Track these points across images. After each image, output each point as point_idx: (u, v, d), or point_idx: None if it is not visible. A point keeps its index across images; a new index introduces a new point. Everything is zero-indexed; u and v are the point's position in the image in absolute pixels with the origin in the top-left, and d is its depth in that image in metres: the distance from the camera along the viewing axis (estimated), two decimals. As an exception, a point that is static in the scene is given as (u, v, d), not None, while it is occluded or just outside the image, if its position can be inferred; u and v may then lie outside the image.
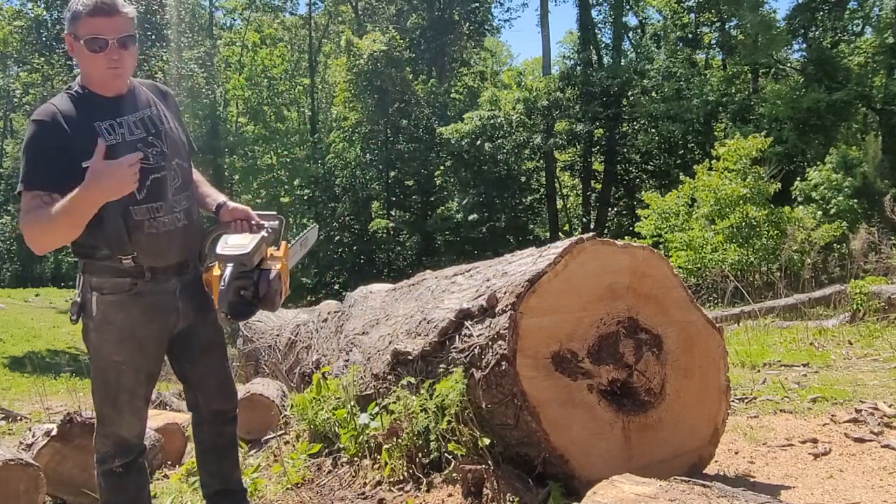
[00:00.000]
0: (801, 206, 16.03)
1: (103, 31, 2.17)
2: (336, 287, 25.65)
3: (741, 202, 13.58)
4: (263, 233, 2.38)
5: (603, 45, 30.23)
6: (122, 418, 2.37)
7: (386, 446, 3.00)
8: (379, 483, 2.98)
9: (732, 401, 3.89)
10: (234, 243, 2.31)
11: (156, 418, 4.22)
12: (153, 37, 24.28)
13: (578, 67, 27.65)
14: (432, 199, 27.89)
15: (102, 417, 2.39)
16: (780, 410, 3.90)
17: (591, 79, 25.99)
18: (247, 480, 3.04)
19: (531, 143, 25.93)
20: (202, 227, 2.51)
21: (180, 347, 2.48)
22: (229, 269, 2.24)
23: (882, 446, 3.12)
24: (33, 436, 3.87)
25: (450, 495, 2.67)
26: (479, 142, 24.57)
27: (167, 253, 2.34)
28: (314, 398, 3.58)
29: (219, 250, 2.29)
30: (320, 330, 4.71)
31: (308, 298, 23.00)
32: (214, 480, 2.69)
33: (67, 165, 2.12)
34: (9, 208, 42.73)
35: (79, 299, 2.32)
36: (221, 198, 2.55)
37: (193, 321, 2.45)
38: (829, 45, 23.08)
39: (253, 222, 2.44)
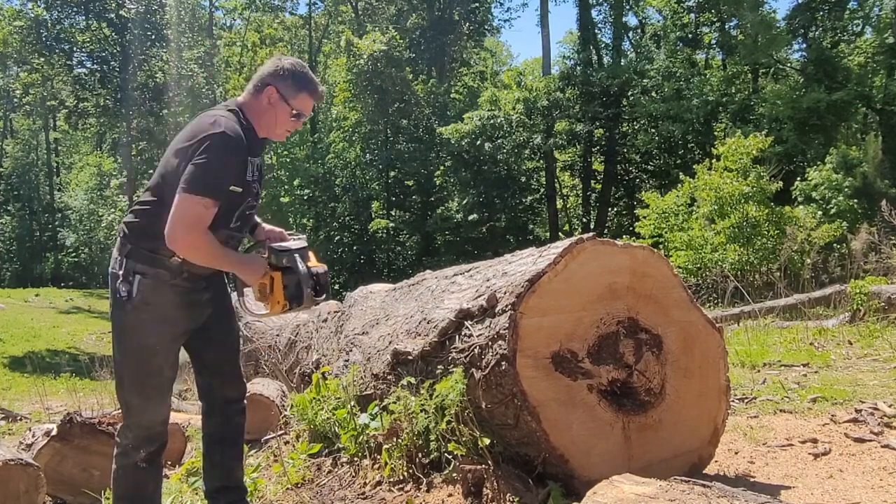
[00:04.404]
0: (801, 206, 15.99)
1: (308, 110, 2.58)
2: (336, 287, 25.63)
3: (743, 200, 13.56)
4: (304, 240, 2.60)
5: (603, 45, 30.19)
6: (148, 404, 2.47)
7: (386, 446, 3.00)
8: (379, 483, 2.98)
9: (732, 401, 3.90)
10: (287, 243, 2.52)
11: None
12: (153, 37, 24.26)
13: (578, 67, 27.59)
14: (432, 199, 27.84)
15: (129, 408, 2.49)
16: (780, 410, 3.90)
17: (591, 79, 25.93)
18: (247, 480, 3.04)
19: (531, 143, 25.89)
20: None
21: (202, 333, 2.62)
22: (298, 259, 2.45)
23: (882, 446, 3.12)
24: (33, 436, 3.88)
25: (450, 495, 2.67)
26: (479, 142, 24.53)
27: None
28: (314, 398, 3.58)
29: (277, 247, 2.48)
30: (320, 330, 4.71)
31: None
32: (217, 473, 2.71)
33: (230, 182, 2.39)
34: (9, 208, 42.73)
35: (121, 283, 2.44)
36: (256, 219, 2.77)
37: (214, 309, 2.62)
38: (829, 45, 23.04)
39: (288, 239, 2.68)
